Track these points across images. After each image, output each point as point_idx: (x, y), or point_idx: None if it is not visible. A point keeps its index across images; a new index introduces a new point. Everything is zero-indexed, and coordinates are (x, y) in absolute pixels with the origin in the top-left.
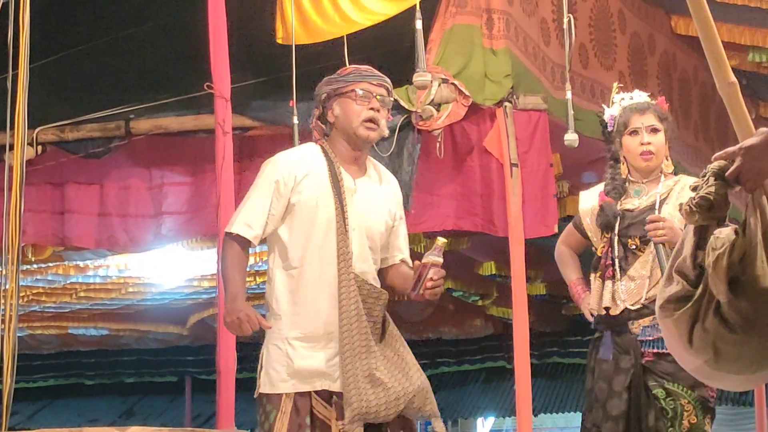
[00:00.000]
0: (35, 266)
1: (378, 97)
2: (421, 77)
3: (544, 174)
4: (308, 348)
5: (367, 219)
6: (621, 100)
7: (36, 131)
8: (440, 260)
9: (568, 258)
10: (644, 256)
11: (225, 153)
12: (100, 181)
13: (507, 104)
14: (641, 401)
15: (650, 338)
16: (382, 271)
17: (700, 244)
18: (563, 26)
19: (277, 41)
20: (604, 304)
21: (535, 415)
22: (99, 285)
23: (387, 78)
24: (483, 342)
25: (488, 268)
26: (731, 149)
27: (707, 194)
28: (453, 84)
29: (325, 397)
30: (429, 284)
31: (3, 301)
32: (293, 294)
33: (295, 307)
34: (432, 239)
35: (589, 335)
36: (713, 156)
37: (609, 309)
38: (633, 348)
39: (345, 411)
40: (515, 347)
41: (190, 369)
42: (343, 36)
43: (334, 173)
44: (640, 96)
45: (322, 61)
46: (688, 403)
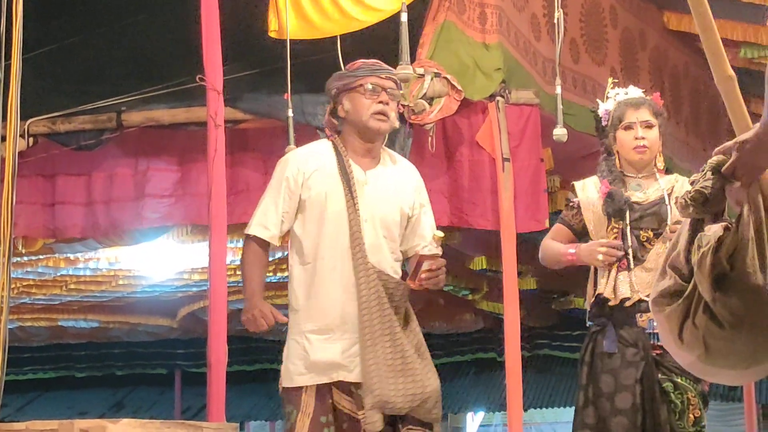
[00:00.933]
0: (26, 258)
1: (387, 91)
2: (404, 70)
3: (536, 169)
4: (323, 340)
5: (381, 209)
6: (616, 95)
7: (27, 123)
8: (437, 252)
9: (555, 243)
10: (656, 248)
11: (217, 145)
12: (89, 172)
13: (499, 99)
14: (655, 395)
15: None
16: (407, 261)
17: (694, 239)
18: (554, 21)
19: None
20: (623, 295)
21: (525, 410)
22: (89, 277)
23: (394, 71)
24: (474, 335)
25: (479, 263)
26: (728, 144)
27: (702, 188)
28: (445, 78)
29: (346, 390)
30: (424, 276)
31: None
32: (308, 288)
33: (310, 301)
34: None
35: (579, 330)
36: (714, 151)
37: (625, 300)
38: (642, 340)
39: (365, 398)
40: (506, 342)
41: (180, 362)
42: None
43: (344, 166)
44: (636, 91)
45: (316, 54)
46: (694, 397)
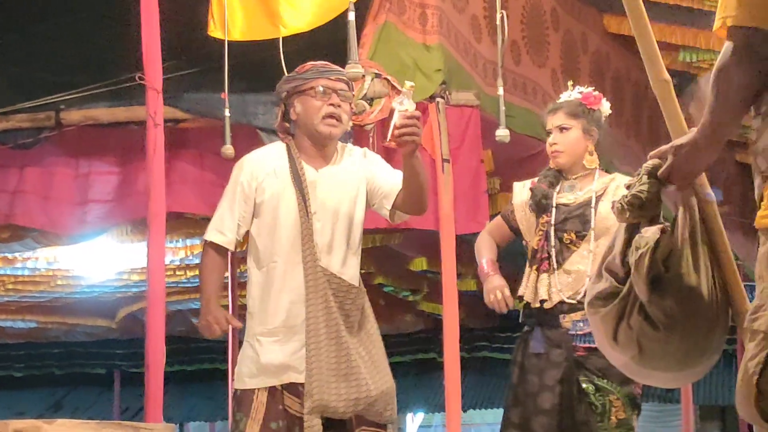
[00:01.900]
0: None
1: (338, 92)
2: (353, 69)
3: (476, 170)
4: (273, 342)
5: (335, 206)
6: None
7: None
8: (408, 106)
9: (488, 244)
10: (580, 251)
11: (156, 145)
12: (23, 167)
13: (439, 100)
14: (572, 395)
15: (581, 332)
16: (391, 214)
17: (631, 243)
18: (495, 23)
19: (209, 34)
20: (540, 297)
21: (464, 411)
22: (27, 277)
23: (344, 72)
24: (414, 336)
25: (419, 264)
26: (665, 147)
27: (639, 192)
28: (386, 79)
29: (294, 392)
30: (396, 132)
31: None
32: (263, 291)
33: (263, 304)
34: (371, 235)
35: (519, 332)
36: (649, 154)
37: (544, 302)
38: (564, 342)
39: (305, 402)
40: (445, 343)
41: (119, 362)
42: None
43: (296, 169)
44: (563, 95)
45: (258, 53)
46: (617, 399)
